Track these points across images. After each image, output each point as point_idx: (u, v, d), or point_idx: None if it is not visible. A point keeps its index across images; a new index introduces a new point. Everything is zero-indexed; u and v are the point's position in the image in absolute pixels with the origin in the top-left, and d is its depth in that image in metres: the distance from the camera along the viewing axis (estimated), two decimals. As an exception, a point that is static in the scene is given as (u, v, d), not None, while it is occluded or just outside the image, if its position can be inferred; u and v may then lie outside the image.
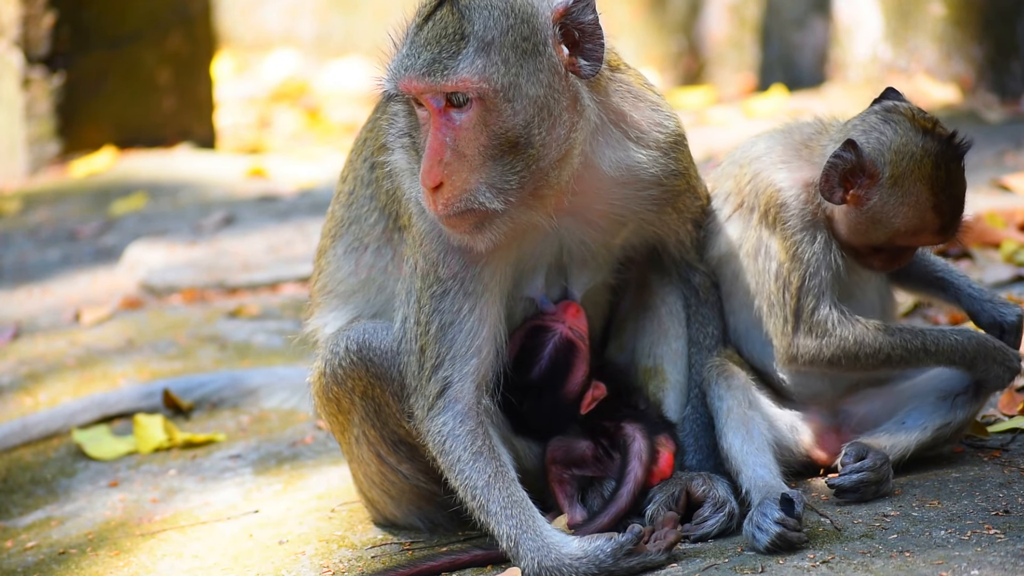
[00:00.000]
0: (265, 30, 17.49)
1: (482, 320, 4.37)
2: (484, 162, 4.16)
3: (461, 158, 4.15)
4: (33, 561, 5.20)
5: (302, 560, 4.69)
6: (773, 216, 4.48)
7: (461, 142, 4.15)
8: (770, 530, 4.14)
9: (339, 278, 4.74)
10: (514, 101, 4.14)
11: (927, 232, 4.41)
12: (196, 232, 9.06)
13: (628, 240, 4.57)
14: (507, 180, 4.17)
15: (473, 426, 4.37)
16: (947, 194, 4.36)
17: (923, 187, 4.35)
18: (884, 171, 4.36)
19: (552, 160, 4.20)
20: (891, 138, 4.38)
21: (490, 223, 4.20)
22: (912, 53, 10.49)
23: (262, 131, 14.27)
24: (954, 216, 4.40)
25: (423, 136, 4.23)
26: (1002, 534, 4.07)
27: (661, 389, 4.67)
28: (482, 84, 4.11)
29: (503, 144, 4.16)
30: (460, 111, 4.15)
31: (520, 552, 4.24)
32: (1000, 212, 7.07)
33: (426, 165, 4.14)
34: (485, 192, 4.16)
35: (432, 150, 4.14)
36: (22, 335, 7.61)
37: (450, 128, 4.15)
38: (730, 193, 4.58)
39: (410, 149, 4.34)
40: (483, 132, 4.15)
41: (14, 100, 10.82)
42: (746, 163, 4.56)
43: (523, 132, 4.16)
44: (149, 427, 6.00)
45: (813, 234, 4.46)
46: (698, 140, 10.23)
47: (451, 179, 4.14)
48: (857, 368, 4.48)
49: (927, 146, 4.35)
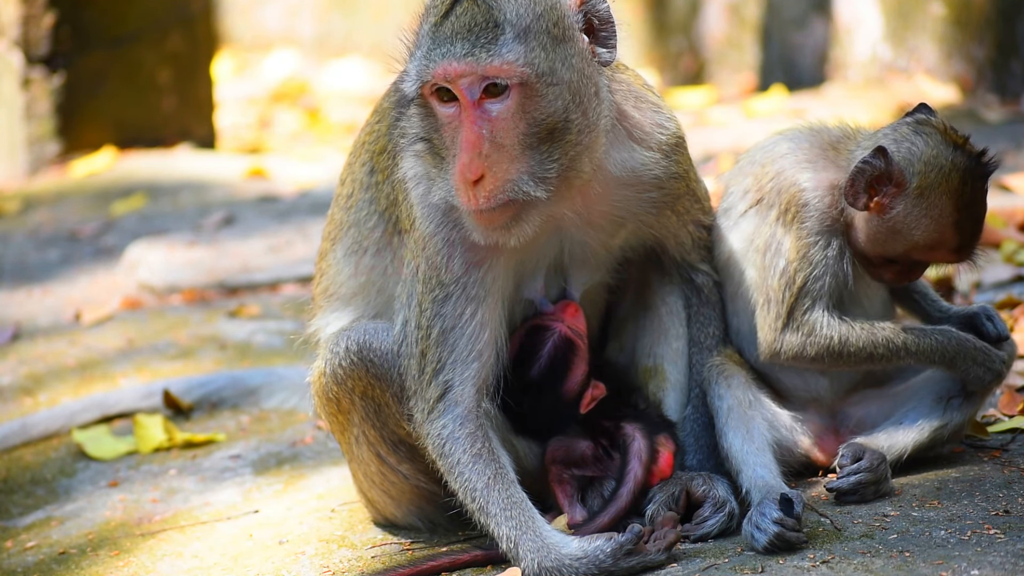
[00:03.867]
0: (265, 30, 17.49)
1: (483, 325, 4.37)
2: (523, 151, 4.16)
3: (500, 149, 4.14)
4: (33, 561, 5.20)
5: (302, 560, 4.69)
6: (792, 215, 4.47)
7: (499, 132, 4.14)
8: (768, 530, 4.14)
9: (340, 281, 4.74)
10: (553, 87, 4.15)
11: (944, 249, 4.41)
12: (196, 232, 9.06)
13: (627, 241, 4.57)
14: (546, 168, 4.18)
15: (473, 429, 4.37)
16: (969, 212, 4.37)
17: (948, 201, 4.36)
18: (912, 181, 4.36)
19: (584, 146, 4.22)
20: (922, 149, 4.38)
21: (527, 215, 4.19)
22: (912, 53, 10.49)
23: (262, 131, 14.26)
24: (973, 236, 4.40)
25: (447, 135, 4.20)
26: (1002, 534, 4.07)
27: (661, 389, 4.67)
28: (525, 69, 4.11)
29: (541, 131, 4.16)
30: (497, 101, 4.14)
31: (520, 553, 4.24)
32: (1000, 212, 7.08)
33: (465, 159, 4.12)
34: (527, 181, 4.16)
35: (469, 143, 4.12)
36: (22, 335, 7.61)
37: (486, 119, 4.13)
38: (748, 190, 4.58)
39: (425, 154, 4.31)
40: (522, 120, 4.15)
41: (14, 100, 10.82)
42: (768, 162, 4.56)
43: (561, 118, 4.17)
44: (149, 427, 6.00)
45: (828, 239, 4.46)
46: (698, 140, 10.23)
47: (492, 171, 4.13)
48: (840, 365, 4.50)
49: (956, 160, 4.36)
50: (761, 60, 12.27)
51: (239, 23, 17.63)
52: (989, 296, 6.18)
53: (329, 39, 16.75)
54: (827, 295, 4.46)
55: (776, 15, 12.08)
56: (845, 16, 11.01)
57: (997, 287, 6.32)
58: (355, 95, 15.15)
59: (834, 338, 4.45)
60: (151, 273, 8.24)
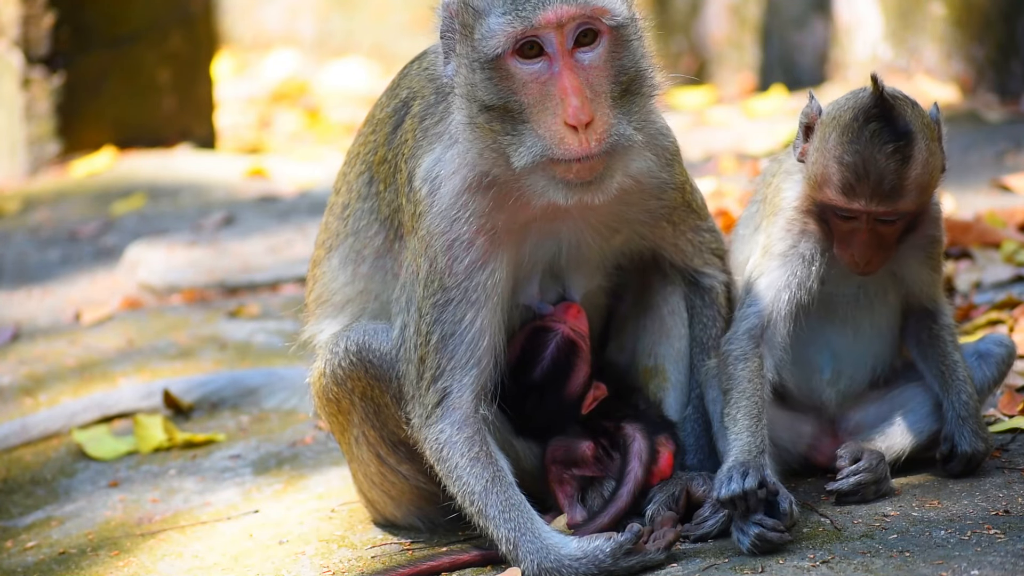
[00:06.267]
0: (265, 30, 17.48)
1: (483, 331, 4.37)
2: (615, 98, 4.21)
3: (597, 95, 4.18)
4: (33, 561, 5.20)
5: (302, 560, 4.70)
6: (770, 220, 4.52)
7: (595, 79, 4.17)
8: (749, 531, 4.15)
9: (334, 288, 4.73)
10: (638, 33, 4.26)
11: (829, 187, 4.33)
12: (196, 232, 9.06)
13: (624, 245, 4.57)
14: (633, 115, 4.24)
15: (470, 433, 4.37)
16: (853, 148, 4.29)
17: (836, 135, 4.32)
18: (820, 119, 4.41)
19: (655, 101, 4.33)
20: (845, 95, 4.43)
21: (618, 166, 4.21)
22: (912, 53, 10.49)
23: (262, 131, 14.26)
24: (859, 179, 4.29)
25: (529, 95, 4.16)
26: (1002, 534, 4.07)
27: (662, 389, 4.67)
28: (624, 10, 4.20)
29: (627, 80, 4.22)
30: (588, 49, 4.17)
31: (520, 554, 4.24)
32: (1000, 212, 7.08)
33: (575, 102, 4.12)
34: (627, 126, 4.21)
35: (575, 88, 4.12)
36: (22, 335, 7.61)
37: (580, 67, 4.16)
38: (762, 201, 4.66)
39: (487, 127, 4.22)
40: (611, 67, 4.19)
41: (14, 100, 10.81)
42: (776, 173, 4.62)
43: (643, 65, 4.26)
44: (149, 427, 6.00)
45: (795, 247, 4.48)
46: (698, 140, 10.24)
47: (599, 114, 4.15)
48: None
49: (856, 100, 4.36)
50: (761, 60, 12.28)
51: (239, 23, 17.63)
52: (989, 296, 6.18)
53: (329, 39, 16.75)
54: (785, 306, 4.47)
55: (776, 15, 12.08)
56: (845, 16, 11.01)
57: (997, 287, 6.32)
58: (355, 95, 15.15)
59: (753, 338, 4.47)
60: (151, 273, 8.24)
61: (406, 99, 4.60)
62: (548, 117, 4.16)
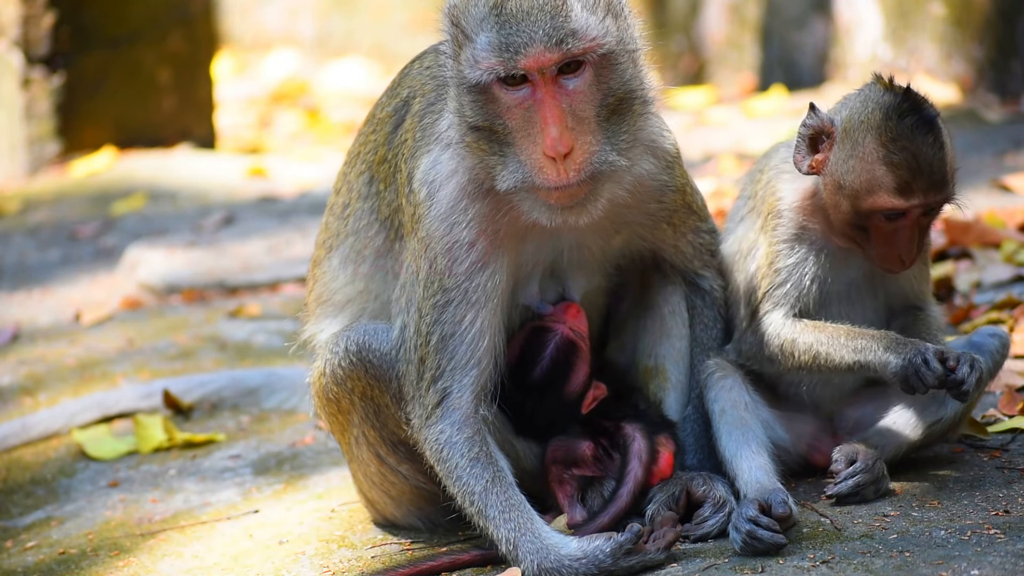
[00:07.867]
0: (265, 30, 17.48)
1: (483, 332, 4.37)
2: (600, 123, 4.19)
3: (581, 122, 4.16)
4: (33, 561, 5.20)
5: (302, 560, 4.70)
6: (771, 225, 4.52)
7: (578, 106, 4.16)
8: (742, 529, 4.15)
9: (334, 288, 4.74)
10: (625, 55, 4.22)
11: (884, 192, 4.29)
12: (196, 232, 9.06)
13: (624, 246, 4.58)
14: (620, 137, 4.22)
15: (470, 433, 4.37)
16: (899, 146, 4.27)
17: (871, 138, 4.30)
18: (838, 126, 4.37)
19: (646, 117, 4.31)
20: (851, 98, 4.41)
21: (603, 189, 4.21)
22: (912, 53, 10.49)
23: (262, 131, 14.26)
24: (914, 175, 4.27)
25: (514, 119, 4.17)
26: (1002, 534, 4.07)
27: (662, 389, 4.67)
28: (607, 39, 4.16)
29: (614, 101, 4.20)
30: (573, 76, 4.16)
31: (520, 555, 4.24)
32: (1000, 212, 7.07)
33: (554, 133, 4.12)
34: (610, 151, 4.20)
35: (555, 118, 4.12)
36: (22, 335, 7.61)
37: (564, 94, 4.15)
38: (750, 196, 4.64)
39: (476, 145, 4.25)
40: (598, 91, 4.18)
41: (14, 100, 10.81)
42: (764, 169, 4.61)
43: (632, 85, 4.23)
44: (149, 427, 6.00)
45: (796, 245, 4.47)
46: (698, 140, 10.25)
47: (579, 143, 4.15)
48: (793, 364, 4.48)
49: (880, 99, 4.33)
50: (761, 60, 12.28)
51: (239, 23, 17.63)
52: (989, 296, 6.18)
53: (329, 39, 16.75)
54: (788, 301, 4.48)
55: (776, 15, 12.08)
56: (845, 16, 11.01)
57: (997, 287, 6.32)
58: (355, 95, 15.15)
59: (785, 340, 4.46)
60: (151, 273, 8.24)
61: (407, 98, 4.60)
62: (529, 144, 4.17)
